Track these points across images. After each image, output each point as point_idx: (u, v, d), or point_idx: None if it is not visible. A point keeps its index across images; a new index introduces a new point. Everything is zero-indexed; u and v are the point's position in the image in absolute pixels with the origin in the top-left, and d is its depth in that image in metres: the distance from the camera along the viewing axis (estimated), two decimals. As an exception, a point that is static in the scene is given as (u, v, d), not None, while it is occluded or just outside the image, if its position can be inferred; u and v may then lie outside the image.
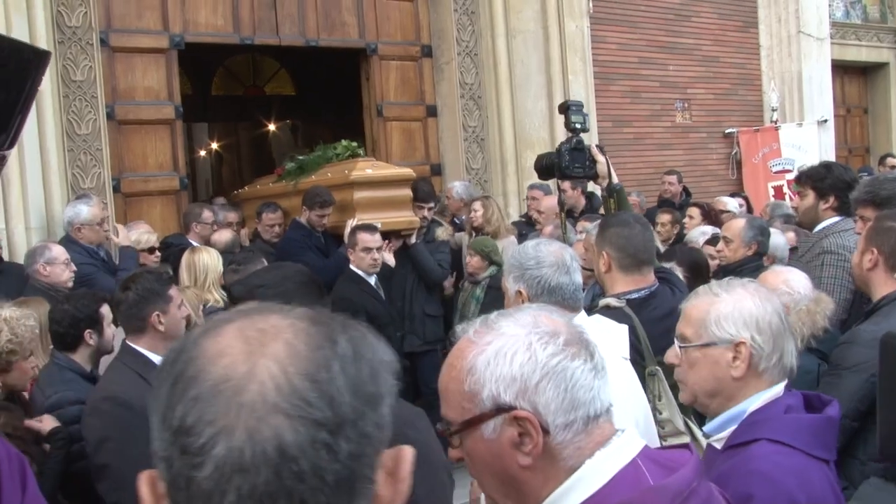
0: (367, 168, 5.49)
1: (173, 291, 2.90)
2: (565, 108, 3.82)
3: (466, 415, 1.19)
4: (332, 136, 13.77)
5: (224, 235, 5.61)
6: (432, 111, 7.77)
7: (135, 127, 6.33)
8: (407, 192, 5.57)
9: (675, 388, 2.14)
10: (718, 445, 1.75)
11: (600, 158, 3.56)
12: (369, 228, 5.06)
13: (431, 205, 5.91)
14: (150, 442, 0.75)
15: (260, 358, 0.72)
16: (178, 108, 6.48)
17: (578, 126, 3.73)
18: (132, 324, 2.82)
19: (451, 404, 1.22)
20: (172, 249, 5.49)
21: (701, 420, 2.12)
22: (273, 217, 5.83)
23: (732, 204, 7.06)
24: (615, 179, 3.50)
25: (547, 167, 3.86)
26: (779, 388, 1.75)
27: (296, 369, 0.72)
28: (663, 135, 8.90)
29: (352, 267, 4.99)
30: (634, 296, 2.70)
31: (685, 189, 7.88)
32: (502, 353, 1.19)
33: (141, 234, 5.28)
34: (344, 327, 0.79)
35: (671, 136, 8.98)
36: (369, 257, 4.96)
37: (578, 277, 2.30)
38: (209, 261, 4.59)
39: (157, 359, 2.79)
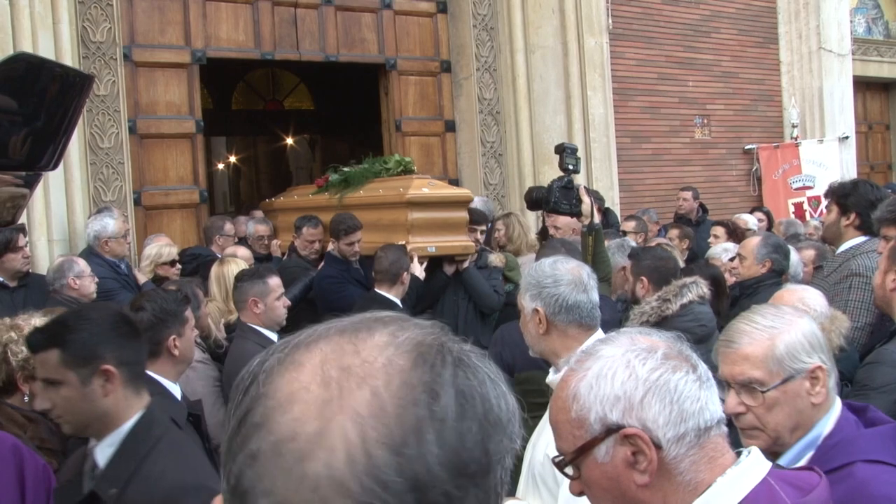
0: (423, 187, 5.03)
1: (188, 312, 2.76)
2: (561, 150, 4.54)
3: (578, 442, 1.20)
4: (350, 151, 13.94)
5: (241, 251, 5.51)
6: (450, 126, 7.82)
7: (156, 141, 6.42)
8: (464, 215, 5.13)
9: None
10: None
11: (585, 199, 4.30)
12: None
13: (485, 227, 5.47)
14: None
15: (337, 413, 0.60)
16: (199, 123, 6.57)
17: (570, 167, 4.42)
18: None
19: (563, 435, 1.23)
20: (201, 260, 5.52)
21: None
22: (314, 233, 5.37)
23: (752, 221, 7.09)
24: (596, 220, 4.16)
25: (536, 200, 4.58)
26: (839, 404, 1.71)
27: (377, 434, 0.58)
28: (682, 151, 8.89)
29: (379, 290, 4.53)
30: None
31: (702, 205, 7.82)
32: (603, 375, 1.20)
33: (162, 248, 5.29)
34: (456, 366, 0.64)
35: (690, 152, 8.97)
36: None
37: (595, 295, 2.29)
38: (236, 273, 4.53)
39: (169, 385, 2.68)
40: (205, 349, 3.71)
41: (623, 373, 1.19)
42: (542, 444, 2.12)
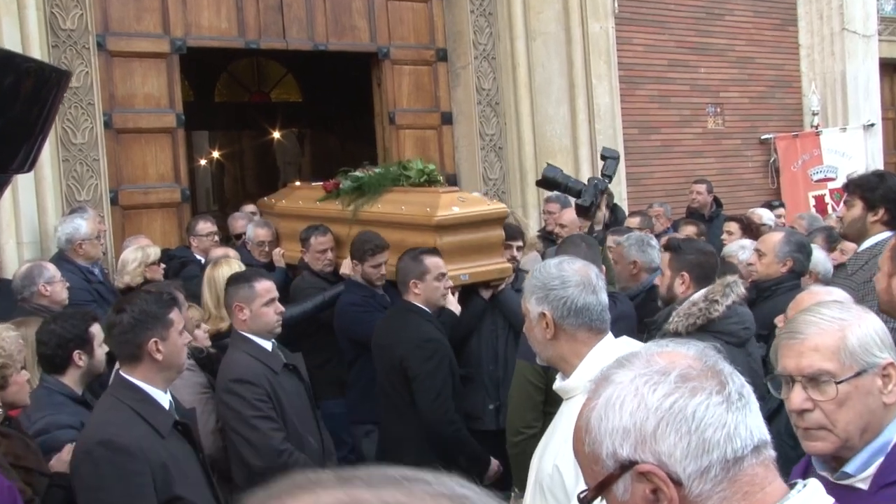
0: (453, 205, 4.58)
1: (174, 315, 2.78)
2: (606, 157, 4.68)
3: (597, 477, 1.14)
4: (341, 146, 13.97)
5: (220, 252, 5.42)
6: (447, 118, 7.83)
7: (134, 136, 6.39)
8: (499, 234, 4.68)
9: None
10: (864, 485, 1.64)
11: (603, 210, 4.52)
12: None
13: (521, 243, 5.02)
14: (149, 490, 0.71)
15: None
16: (180, 116, 6.56)
17: (611, 175, 4.62)
18: (126, 351, 2.71)
19: (584, 469, 1.18)
20: (174, 262, 5.52)
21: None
22: (323, 241, 5.11)
23: (768, 216, 7.04)
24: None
25: (552, 182, 4.49)
26: None
27: None
28: (694, 142, 8.90)
29: (414, 302, 4.14)
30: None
31: (716, 199, 7.85)
32: (611, 405, 1.14)
33: (147, 249, 5.22)
34: None
35: (702, 143, 8.98)
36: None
37: (605, 297, 2.28)
38: (229, 275, 4.47)
39: (154, 392, 2.71)
40: (189, 355, 3.69)
41: (631, 402, 1.12)
42: (550, 455, 2.12)
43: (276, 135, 14.64)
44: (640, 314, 4.07)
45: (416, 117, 7.72)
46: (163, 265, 5.21)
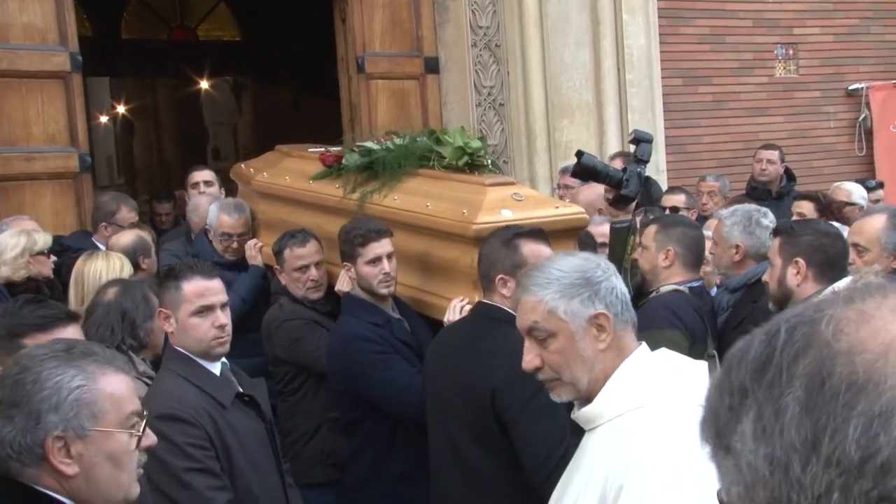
0: (503, 207, 4.24)
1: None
2: (639, 141, 4.81)
3: None
4: (293, 101, 14.35)
5: (124, 238, 5.63)
6: (433, 66, 8.23)
7: (9, 81, 6.47)
8: (572, 248, 4.30)
9: None
10: None
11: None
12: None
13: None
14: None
15: None
16: (76, 57, 6.69)
17: (647, 160, 4.80)
18: None
19: None
20: (68, 256, 5.62)
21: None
22: (302, 253, 4.85)
23: (858, 193, 7.22)
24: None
25: (591, 171, 4.74)
26: None
27: None
28: (757, 95, 9.31)
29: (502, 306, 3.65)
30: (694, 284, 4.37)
31: (787, 171, 8.12)
32: None
33: (34, 234, 5.38)
34: None
35: (768, 97, 9.39)
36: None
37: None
38: (103, 273, 4.67)
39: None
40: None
41: None
42: (571, 497, 2.36)
43: (205, 84, 14.93)
44: (735, 315, 4.47)
45: (391, 64, 8.07)
46: (53, 257, 5.37)
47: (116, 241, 5.61)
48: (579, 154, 4.60)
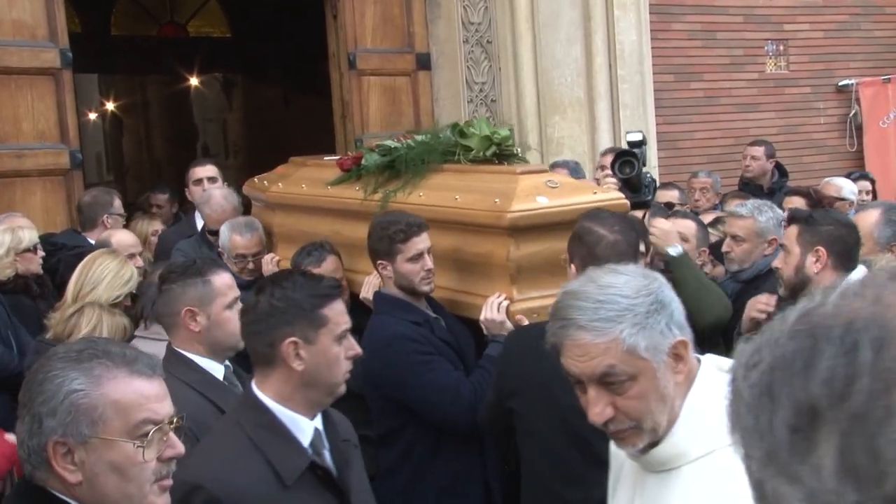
0: (538, 194, 4.03)
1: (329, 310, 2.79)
2: (636, 145, 4.88)
3: None
4: (284, 98, 14.37)
5: (118, 236, 5.61)
6: (424, 62, 8.27)
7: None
8: None
9: None
10: None
11: (664, 225, 4.61)
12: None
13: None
14: None
15: None
16: (66, 54, 6.70)
17: (644, 162, 4.80)
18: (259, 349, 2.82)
19: None
20: (63, 253, 5.63)
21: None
22: (322, 271, 4.30)
23: (849, 188, 7.24)
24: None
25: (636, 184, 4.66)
26: None
27: None
28: (748, 91, 9.38)
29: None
30: None
31: (778, 166, 8.18)
32: None
33: (19, 231, 5.35)
34: None
35: (759, 93, 9.45)
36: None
37: None
38: (107, 269, 4.58)
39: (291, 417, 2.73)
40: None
41: None
42: None
43: (194, 81, 14.94)
44: (736, 304, 4.42)
45: (383, 60, 8.12)
46: (41, 253, 5.34)
47: (109, 237, 5.57)
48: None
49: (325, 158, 5.61)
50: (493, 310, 3.89)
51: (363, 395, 3.99)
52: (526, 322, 3.83)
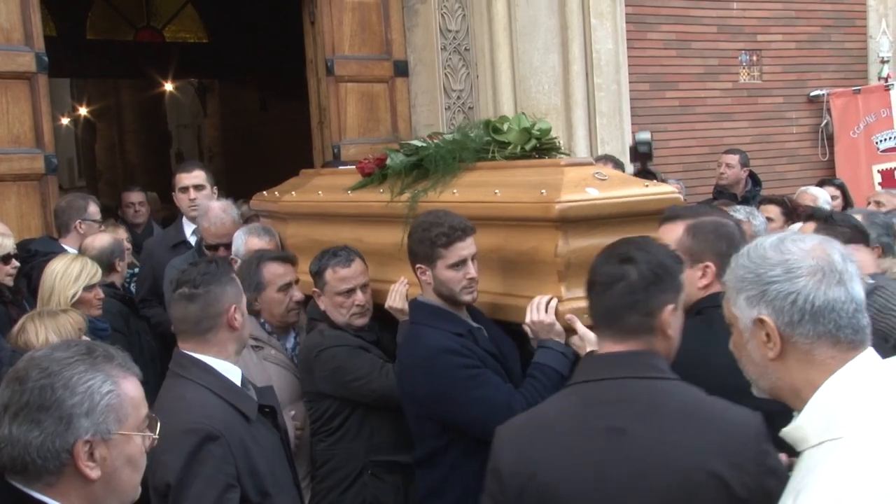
0: (587, 185, 3.80)
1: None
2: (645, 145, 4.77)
3: None
4: (260, 103, 14.34)
5: (100, 240, 5.69)
6: (402, 69, 8.30)
7: None
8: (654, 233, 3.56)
9: None
10: None
11: None
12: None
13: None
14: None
15: None
16: (41, 57, 6.68)
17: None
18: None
19: None
20: (37, 260, 5.59)
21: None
22: (347, 275, 4.31)
23: (824, 198, 7.32)
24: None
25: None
26: None
27: None
28: (722, 100, 9.47)
29: None
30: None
31: (752, 175, 8.32)
32: None
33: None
34: None
35: (733, 103, 9.56)
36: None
37: (860, 289, 2.09)
38: (59, 275, 4.77)
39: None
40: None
41: None
42: None
43: (169, 86, 14.90)
44: None
45: (360, 67, 8.14)
46: (15, 264, 5.32)
47: (92, 242, 5.63)
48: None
49: (340, 168, 5.52)
50: (541, 311, 3.60)
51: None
52: (578, 323, 3.52)
